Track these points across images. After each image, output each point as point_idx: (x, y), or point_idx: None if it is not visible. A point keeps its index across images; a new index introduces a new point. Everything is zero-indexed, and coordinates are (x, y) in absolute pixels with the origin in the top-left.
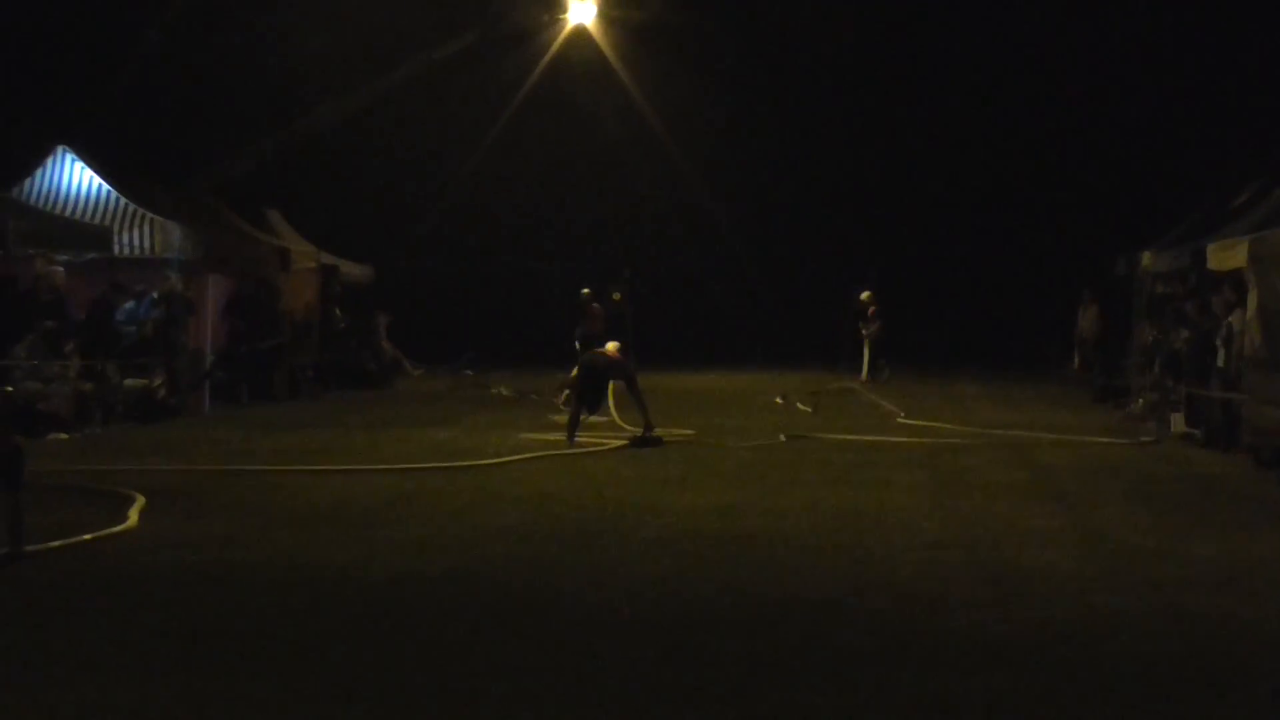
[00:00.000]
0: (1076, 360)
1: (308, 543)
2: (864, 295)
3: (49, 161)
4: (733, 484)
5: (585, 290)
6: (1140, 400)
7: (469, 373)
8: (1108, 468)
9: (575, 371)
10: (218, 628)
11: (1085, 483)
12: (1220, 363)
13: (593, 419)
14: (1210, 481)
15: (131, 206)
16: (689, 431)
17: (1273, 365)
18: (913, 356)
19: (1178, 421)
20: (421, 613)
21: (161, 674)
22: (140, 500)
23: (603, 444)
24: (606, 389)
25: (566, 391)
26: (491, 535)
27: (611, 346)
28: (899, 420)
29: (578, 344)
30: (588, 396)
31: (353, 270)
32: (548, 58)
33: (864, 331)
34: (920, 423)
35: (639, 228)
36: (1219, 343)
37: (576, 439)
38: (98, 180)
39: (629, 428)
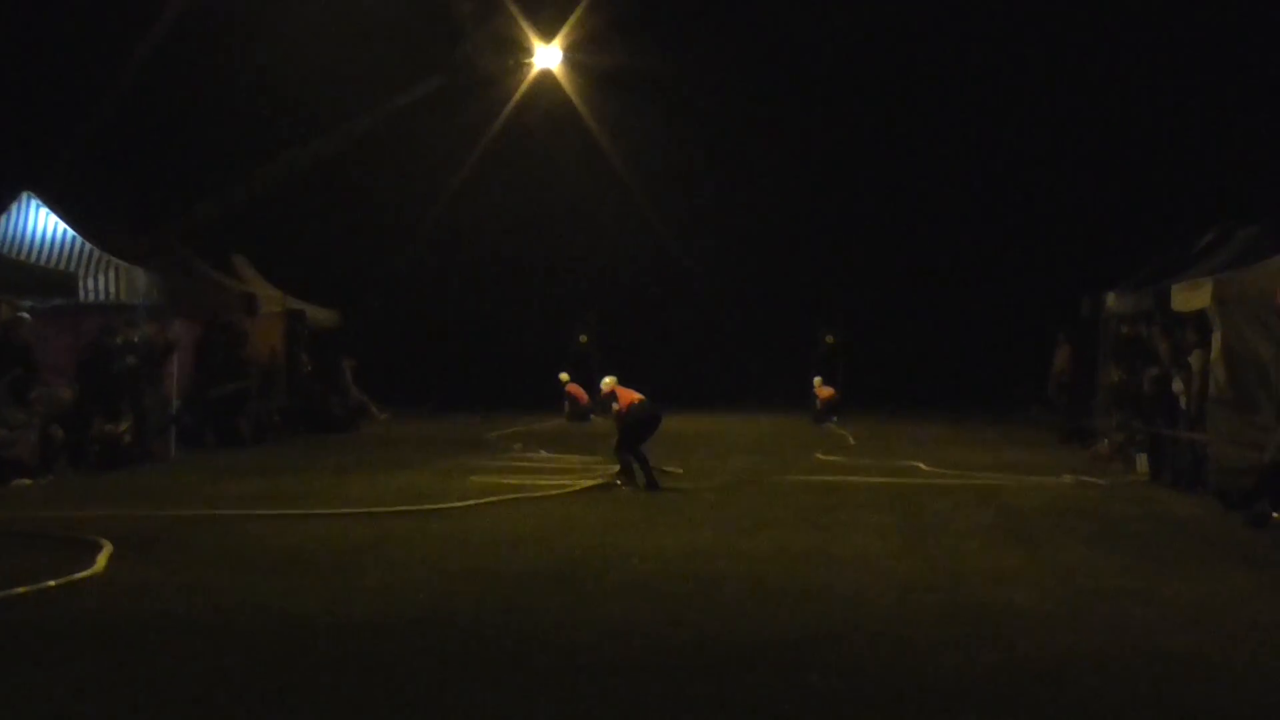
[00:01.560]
0: (1054, 398)
1: (276, 589)
2: (828, 339)
3: (13, 207)
4: (700, 526)
5: (563, 375)
6: (1106, 441)
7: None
8: (1074, 509)
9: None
10: (184, 676)
11: (1052, 524)
12: (1183, 404)
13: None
14: (1177, 522)
15: (96, 252)
16: (677, 470)
17: (1238, 406)
18: (879, 398)
19: (1143, 462)
20: (392, 658)
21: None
22: (108, 547)
23: (569, 485)
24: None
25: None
26: (461, 579)
27: (609, 381)
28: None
29: (569, 420)
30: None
31: (319, 314)
32: (514, 102)
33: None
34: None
35: (605, 270)
36: (1180, 382)
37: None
38: (62, 226)
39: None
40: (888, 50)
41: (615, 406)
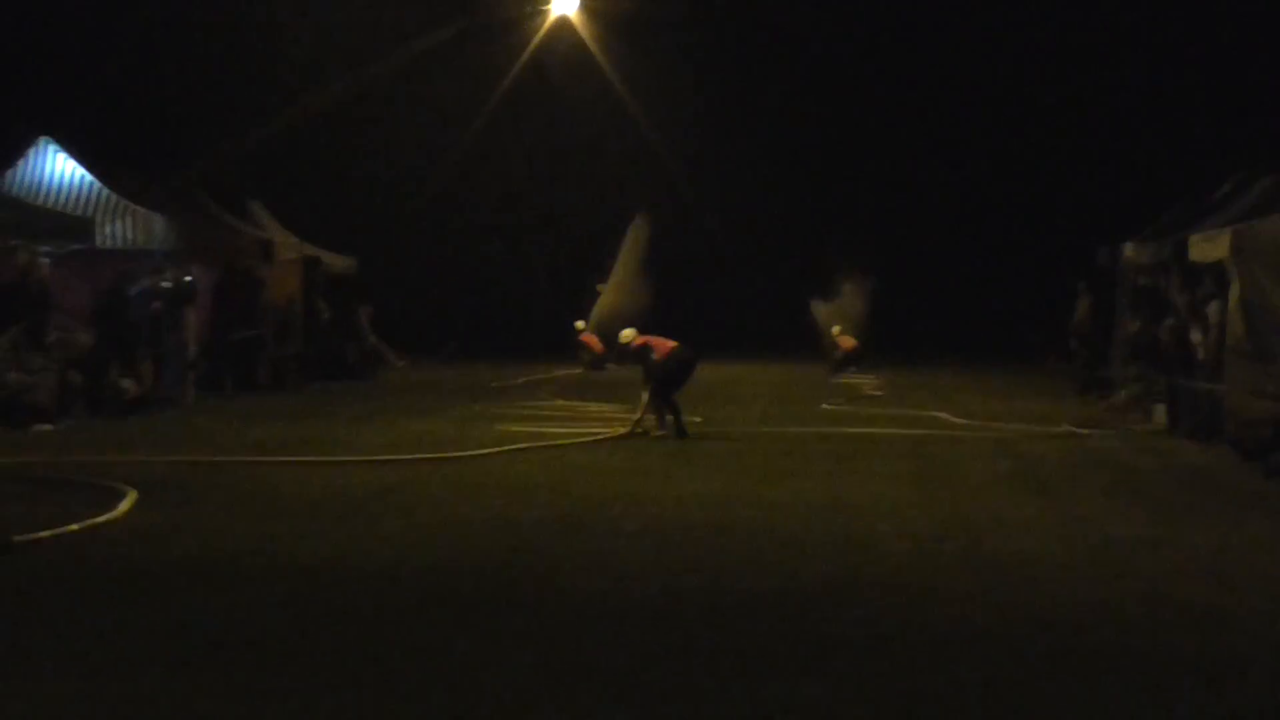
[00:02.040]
0: (1073, 348)
1: (294, 534)
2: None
3: (31, 152)
4: (718, 474)
5: (579, 324)
6: (1124, 392)
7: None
8: (1092, 459)
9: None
10: (204, 621)
11: (1069, 474)
12: (1201, 355)
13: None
14: (1194, 473)
15: (114, 197)
16: (697, 419)
17: (1255, 356)
18: (898, 348)
19: (1160, 413)
20: (404, 605)
21: (147, 667)
22: (132, 494)
23: (588, 435)
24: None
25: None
26: (475, 526)
27: (629, 333)
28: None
29: (588, 368)
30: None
31: (336, 262)
32: (530, 48)
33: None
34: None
35: (621, 217)
36: (1198, 333)
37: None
38: (80, 171)
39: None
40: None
41: (654, 356)
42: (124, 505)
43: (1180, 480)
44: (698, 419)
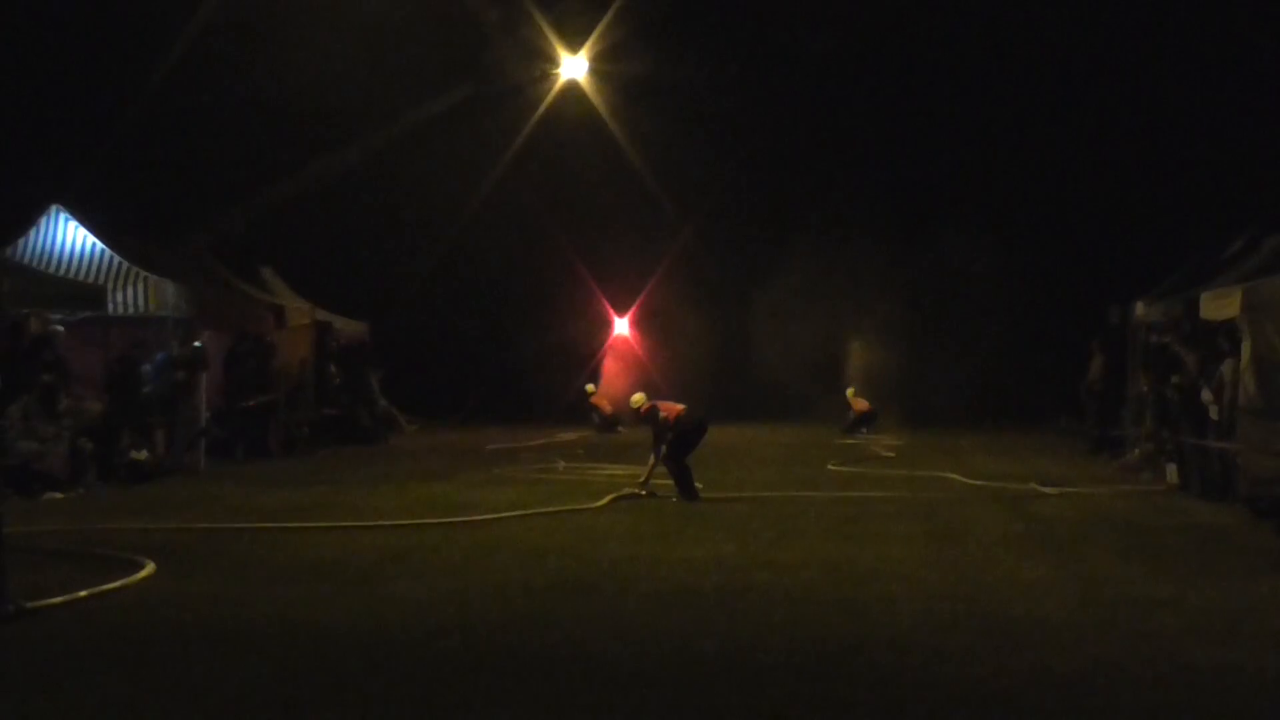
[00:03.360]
0: (1085, 407)
1: (308, 600)
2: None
3: (43, 220)
4: (728, 537)
5: (589, 387)
6: (1136, 450)
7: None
8: (1104, 519)
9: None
10: (214, 688)
11: (1081, 534)
12: (1214, 414)
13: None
14: (1207, 532)
15: (125, 265)
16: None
17: (1268, 414)
18: (911, 411)
19: (1173, 472)
20: (418, 670)
21: None
22: (150, 566)
23: (595, 503)
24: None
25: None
26: (489, 590)
27: (639, 398)
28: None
29: (600, 430)
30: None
31: (347, 326)
32: (540, 111)
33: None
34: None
35: (633, 282)
36: (1209, 392)
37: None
38: (91, 239)
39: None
40: (916, 58)
41: (662, 416)
42: (141, 573)
43: (1193, 540)
44: (700, 484)
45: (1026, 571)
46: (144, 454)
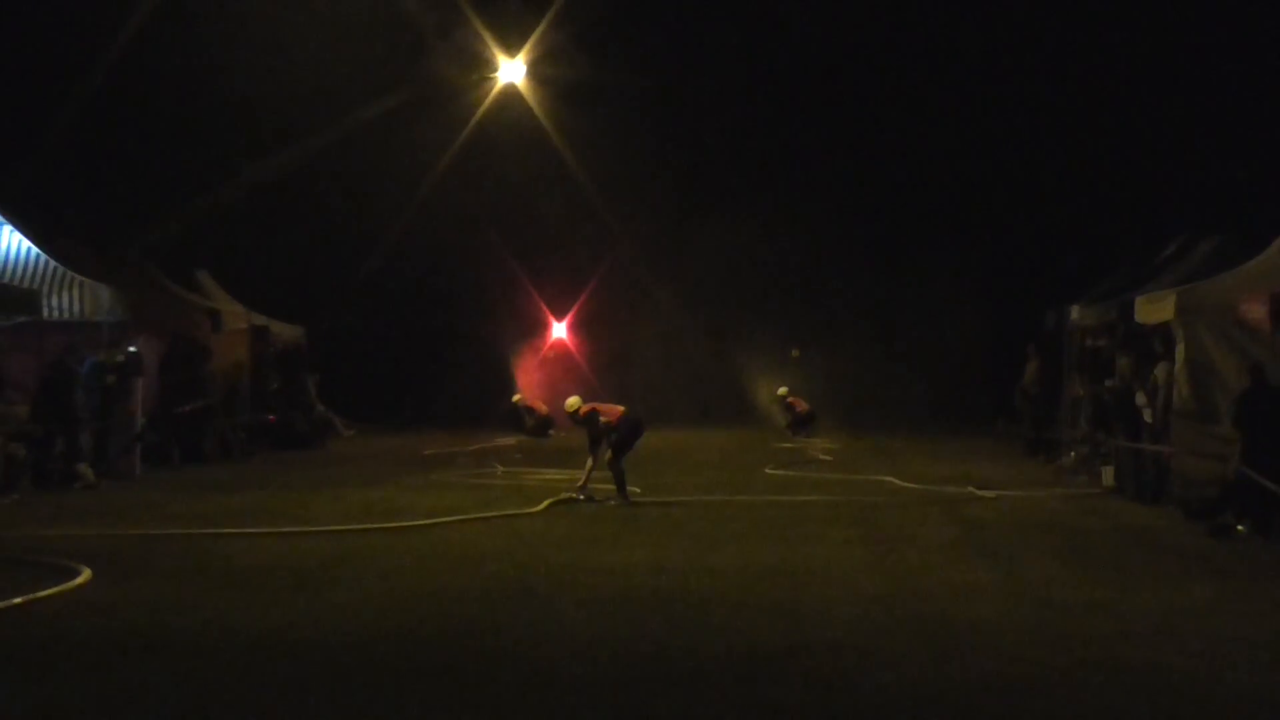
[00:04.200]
0: (1020, 410)
1: (243, 606)
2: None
3: None
4: (666, 541)
5: (515, 398)
6: (1072, 454)
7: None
8: (1039, 522)
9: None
10: (151, 694)
11: (1017, 537)
12: (1148, 417)
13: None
14: (1140, 534)
15: (60, 269)
16: (635, 489)
17: (1201, 417)
18: (848, 413)
19: (1108, 475)
20: (357, 675)
21: None
22: (86, 573)
23: (532, 508)
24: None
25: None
26: (427, 596)
27: (574, 401)
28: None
29: (531, 434)
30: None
31: (283, 330)
32: (477, 117)
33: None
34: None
35: (571, 286)
36: (1143, 395)
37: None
38: (26, 243)
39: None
40: (855, 64)
41: (604, 420)
42: (77, 580)
43: (1126, 542)
44: (636, 489)
45: (962, 575)
46: (87, 469)
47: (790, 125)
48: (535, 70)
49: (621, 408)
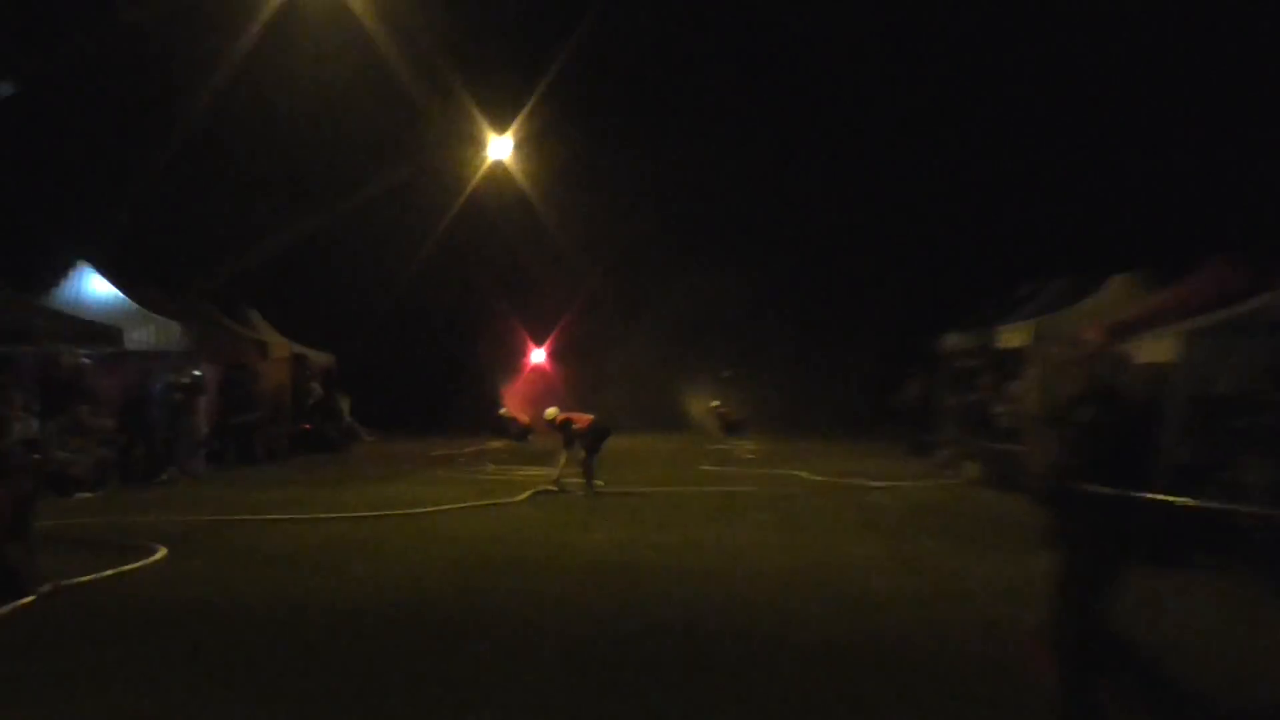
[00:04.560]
0: (906, 418)
1: (282, 579)
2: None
3: (72, 274)
4: (623, 524)
5: (501, 411)
6: (945, 452)
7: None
8: (920, 506)
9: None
10: (218, 651)
11: (903, 519)
12: (1005, 423)
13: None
14: (999, 515)
15: (138, 309)
16: (599, 481)
17: (1045, 422)
18: (771, 421)
19: (974, 469)
20: (375, 633)
21: (168, 684)
22: (162, 551)
23: (519, 497)
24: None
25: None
26: (432, 569)
27: (553, 411)
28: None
29: (515, 439)
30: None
31: (318, 357)
32: (470, 189)
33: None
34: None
35: (544, 319)
36: (1001, 405)
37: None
38: (110, 288)
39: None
40: (759, 104)
41: (576, 427)
42: (155, 556)
43: (988, 522)
44: (599, 481)
45: (859, 549)
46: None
47: (726, 194)
48: (520, 145)
49: (590, 416)
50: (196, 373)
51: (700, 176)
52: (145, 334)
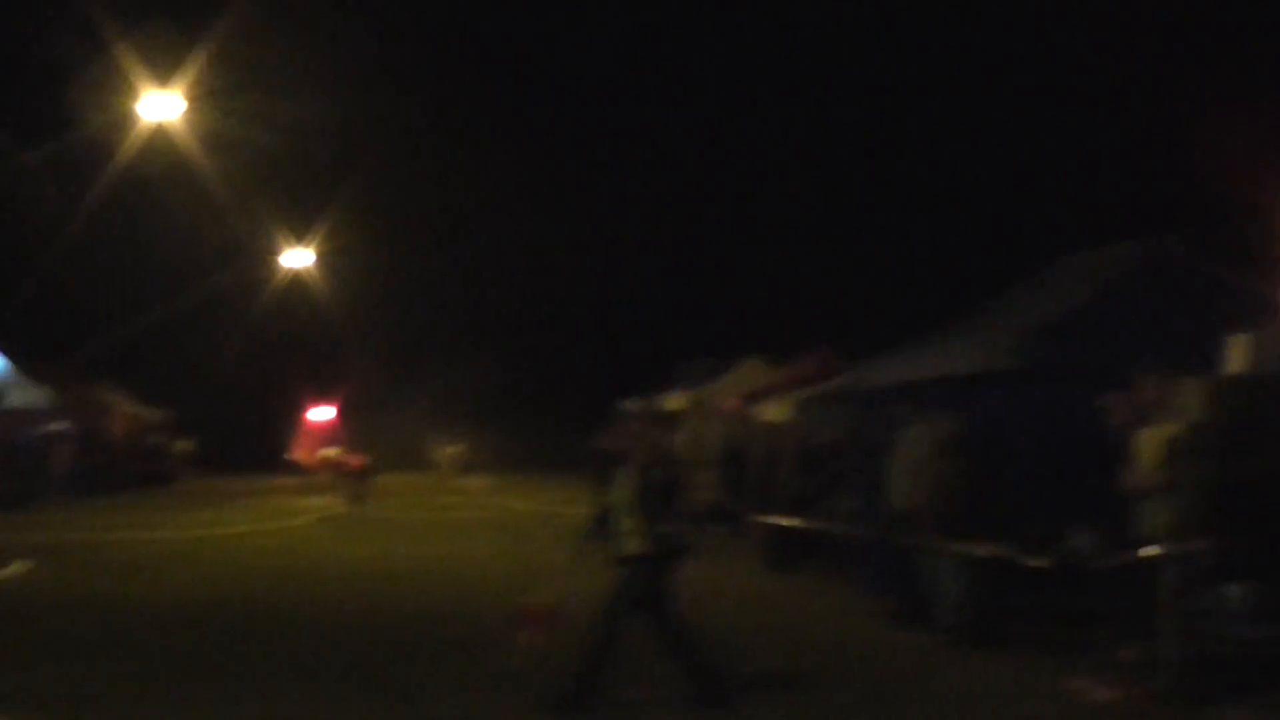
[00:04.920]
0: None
1: (117, 582)
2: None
3: None
4: (383, 541)
5: (287, 455)
6: None
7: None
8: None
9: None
10: (59, 638)
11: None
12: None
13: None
14: None
15: (18, 374)
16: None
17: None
18: (498, 463)
19: None
20: (188, 620)
21: (36, 662)
22: (19, 563)
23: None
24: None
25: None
26: (232, 576)
27: (334, 451)
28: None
29: (305, 474)
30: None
31: (153, 414)
32: (274, 286)
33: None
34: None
35: (331, 389)
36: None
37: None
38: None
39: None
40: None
41: (352, 465)
42: (15, 567)
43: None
44: (366, 508)
45: (550, 555)
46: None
47: (472, 301)
48: (320, 257)
49: (364, 457)
50: (63, 426)
51: (450, 289)
52: (22, 396)
